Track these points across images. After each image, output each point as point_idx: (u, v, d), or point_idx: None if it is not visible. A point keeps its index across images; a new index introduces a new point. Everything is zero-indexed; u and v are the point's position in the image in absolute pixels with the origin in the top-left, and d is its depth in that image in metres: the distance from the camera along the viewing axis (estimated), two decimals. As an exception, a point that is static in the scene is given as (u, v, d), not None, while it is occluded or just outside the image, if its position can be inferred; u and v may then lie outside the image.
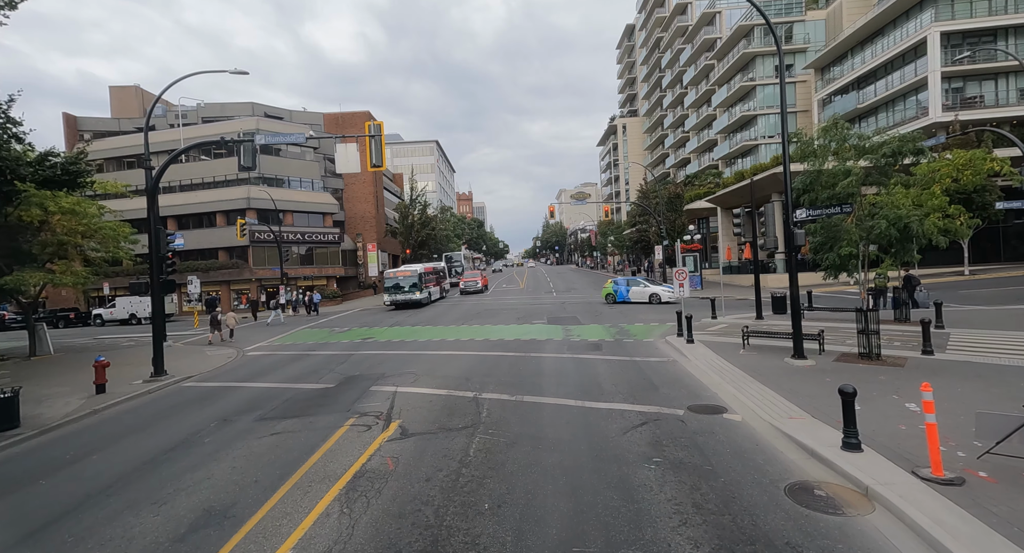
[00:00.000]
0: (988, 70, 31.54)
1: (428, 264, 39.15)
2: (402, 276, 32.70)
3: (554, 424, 8.44)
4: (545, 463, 6.84)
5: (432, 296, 35.73)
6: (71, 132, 44.55)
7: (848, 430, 6.39)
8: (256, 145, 14.62)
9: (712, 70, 59.18)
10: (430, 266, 37.73)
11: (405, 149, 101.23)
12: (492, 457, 7.11)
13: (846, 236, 10.46)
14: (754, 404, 8.78)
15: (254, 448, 8.07)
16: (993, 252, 31.22)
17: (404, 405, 10.00)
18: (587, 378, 11.49)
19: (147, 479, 7.12)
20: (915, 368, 10.18)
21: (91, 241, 18.88)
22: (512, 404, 9.69)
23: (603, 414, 8.81)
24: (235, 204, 40.57)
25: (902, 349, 11.96)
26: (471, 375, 12.31)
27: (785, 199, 10.98)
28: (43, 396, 12.52)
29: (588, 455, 7.04)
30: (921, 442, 6.43)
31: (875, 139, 11.32)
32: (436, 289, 37.01)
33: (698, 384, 10.51)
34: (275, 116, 46.33)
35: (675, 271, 16.57)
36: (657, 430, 7.88)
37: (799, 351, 11.26)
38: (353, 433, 8.48)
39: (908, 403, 8.09)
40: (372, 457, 7.36)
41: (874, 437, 6.75)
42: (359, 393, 11.17)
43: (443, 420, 8.92)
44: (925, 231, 10.23)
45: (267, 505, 6.03)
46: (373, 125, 15.33)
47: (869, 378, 9.62)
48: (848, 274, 11.79)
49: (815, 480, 5.95)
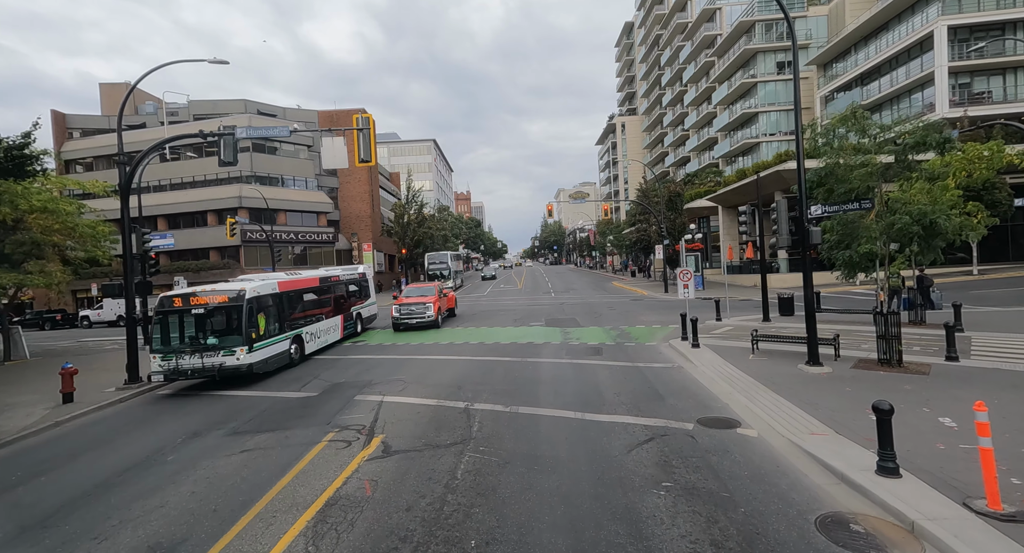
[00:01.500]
0: (996, 65, 30.87)
1: (325, 271, 20.85)
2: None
3: (551, 440, 7.69)
4: (541, 488, 6.08)
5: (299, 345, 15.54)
6: (59, 130, 43.70)
7: (884, 452, 5.64)
8: (237, 139, 13.82)
9: (712, 67, 58.46)
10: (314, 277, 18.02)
11: (402, 148, 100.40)
12: (482, 480, 6.35)
13: (864, 233, 9.72)
14: (770, 417, 8.03)
15: (220, 468, 7.29)
16: (1001, 251, 30.53)
17: (389, 417, 9.23)
18: (587, 386, 10.74)
19: (94, 507, 6.34)
20: (941, 376, 9.43)
21: (68, 240, 18.06)
22: (506, 416, 8.93)
23: (605, 428, 8.05)
24: (227, 203, 39.75)
25: (923, 354, 11.23)
26: (463, 382, 11.55)
27: (799, 194, 10.24)
28: (6, 406, 11.73)
29: (589, 478, 6.29)
30: (967, 466, 5.70)
31: (897, 129, 10.59)
32: (334, 321, 18.00)
33: (707, 393, 9.76)
34: (268, 113, 45.52)
35: (679, 271, 15.81)
36: (665, 448, 7.13)
37: (814, 357, 10.52)
38: (331, 450, 7.71)
39: (941, 417, 7.34)
40: (348, 480, 6.59)
41: (910, 459, 6.00)
42: (343, 403, 10.39)
43: (430, 435, 8.16)
44: (953, 228, 9.50)
45: (222, 541, 5.26)
46: (361, 118, 14.56)
47: (893, 388, 8.88)
48: (866, 274, 11.05)
49: (850, 512, 5.20)
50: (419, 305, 20.49)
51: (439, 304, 21.46)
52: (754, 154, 49.73)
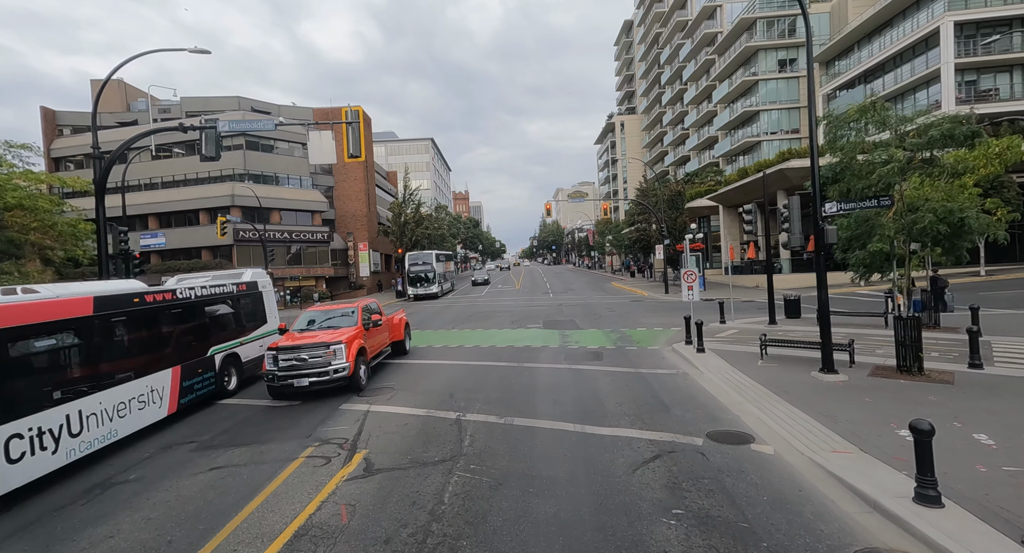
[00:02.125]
0: (1003, 62, 30.28)
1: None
2: None
3: (549, 457, 7.04)
4: (537, 515, 5.44)
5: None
6: (49, 127, 42.94)
7: (924, 478, 5.00)
8: (219, 133, 13.18)
9: (713, 65, 57.85)
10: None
11: (399, 147, 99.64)
12: (471, 506, 5.71)
13: (880, 231, 9.08)
14: (785, 431, 7.39)
15: (183, 490, 6.63)
16: (1007, 251, 29.90)
17: (375, 429, 8.58)
18: (587, 394, 10.09)
19: (37, 537, 5.68)
20: (967, 386, 8.80)
21: (47, 239, 17.36)
22: (500, 429, 8.28)
23: (607, 443, 7.40)
24: (219, 201, 38.98)
25: (942, 361, 10.60)
26: (456, 390, 10.90)
27: (813, 191, 9.61)
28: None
29: (591, 503, 5.64)
30: (1017, 493, 5.10)
31: (920, 121, 9.96)
32: (144, 385, 9.19)
33: (715, 403, 9.12)
34: (262, 111, 44.77)
35: (684, 272, 15.18)
36: (673, 467, 6.49)
37: (828, 364, 9.88)
38: (307, 468, 7.05)
39: (976, 433, 6.71)
40: (324, 504, 5.94)
41: (949, 483, 5.36)
42: (327, 413, 9.73)
43: (417, 450, 7.51)
44: (981, 227, 8.87)
45: (171, 582, 4.60)
46: (351, 111, 13.93)
47: (917, 398, 8.25)
48: (881, 275, 10.43)
49: (888, 549, 4.56)
50: (317, 349, 10.61)
51: (363, 343, 11.71)
52: (755, 153, 49.15)
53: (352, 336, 11.24)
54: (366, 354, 11.85)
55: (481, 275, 55.39)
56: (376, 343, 12.99)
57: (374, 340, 12.80)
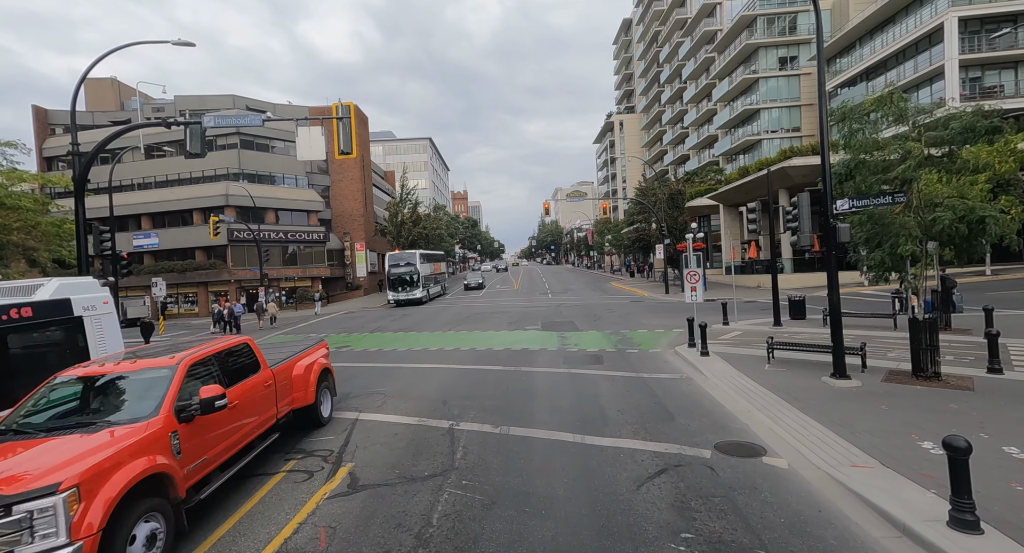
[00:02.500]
0: (1008, 58, 29.85)
1: None
2: None
3: (547, 471, 6.57)
4: (533, 539, 4.97)
5: None
6: (41, 126, 42.41)
7: (960, 501, 4.54)
8: (204, 129, 12.67)
9: (712, 63, 57.40)
10: None
11: (397, 146, 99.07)
12: (462, 528, 5.23)
13: (903, 231, 8.63)
14: (799, 442, 6.93)
15: (152, 509, 6.14)
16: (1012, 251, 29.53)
17: (363, 439, 8.10)
18: (587, 401, 9.63)
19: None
20: (989, 392, 8.34)
21: (30, 239, 16.84)
22: (495, 439, 7.81)
23: (609, 456, 6.93)
24: (213, 201, 38.47)
25: (958, 364, 10.15)
26: (450, 396, 10.42)
27: (824, 188, 9.15)
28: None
29: (592, 525, 5.17)
30: (1062, 517, 4.61)
31: (938, 114, 9.49)
32: None
33: (722, 411, 8.65)
34: (257, 109, 44.22)
35: (687, 272, 14.72)
36: (680, 483, 6.02)
37: (840, 369, 9.42)
38: (287, 485, 6.57)
39: (1006, 446, 6.25)
40: (302, 526, 5.47)
41: (984, 503, 4.89)
42: (313, 421, 9.24)
43: (406, 463, 7.03)
44: (1002, 227, 8.43)
45: (124, 621, 4.12)
46: (341, 106, 13.45)
47: (937, 407, 7.79)
48: (900, 275, 9.97)
49: (925, 582, 4.10)
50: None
51: (149, 468, 4.68)
52: (755, 151, 48.69)
53: (95, 470, 4.25)
54: (173, 484, 5.02)
55: (474, 278, 48.77)
56: (225, 435, 6.13)
57: (221, 430, 6.05)
